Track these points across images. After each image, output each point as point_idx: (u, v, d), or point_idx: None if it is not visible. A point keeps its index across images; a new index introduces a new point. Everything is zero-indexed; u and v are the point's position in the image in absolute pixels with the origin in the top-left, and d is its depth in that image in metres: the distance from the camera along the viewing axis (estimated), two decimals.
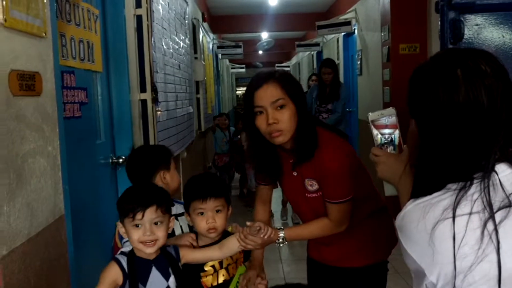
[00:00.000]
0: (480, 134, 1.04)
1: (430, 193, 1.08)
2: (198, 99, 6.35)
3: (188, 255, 1.77)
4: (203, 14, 7.68)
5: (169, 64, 4.01)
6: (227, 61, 15.13)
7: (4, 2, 1.41)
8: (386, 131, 1.43)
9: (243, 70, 18.54)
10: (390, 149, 1.42)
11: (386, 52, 5.75)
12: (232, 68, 17.67)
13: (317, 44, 10.73)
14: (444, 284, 1.03)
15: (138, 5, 3.08)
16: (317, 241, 2.04)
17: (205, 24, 8.07)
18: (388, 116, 1.42)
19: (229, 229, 1.97)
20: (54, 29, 1.80)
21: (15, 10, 1.48)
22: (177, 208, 1.97)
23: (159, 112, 3.41)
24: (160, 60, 3.59)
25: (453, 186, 1.06)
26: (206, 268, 1.84)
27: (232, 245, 1.80)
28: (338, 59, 8.77)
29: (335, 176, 1.79)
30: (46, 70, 1.71)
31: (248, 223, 1.77)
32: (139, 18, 3.09)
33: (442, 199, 1.06)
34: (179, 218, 2.01)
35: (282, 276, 3.85)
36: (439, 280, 1.04)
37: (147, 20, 3.13)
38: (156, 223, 1.64)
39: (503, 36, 1.65)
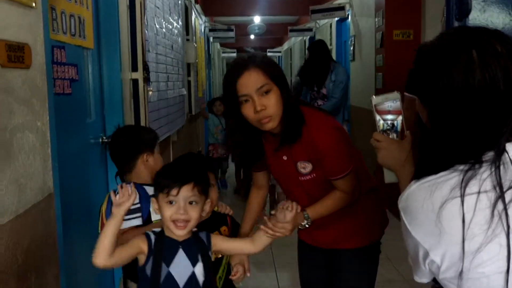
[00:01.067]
0: (494, 116, 1.01)
1: (436, 173, 1.05)
2: (189, 82, 6.28)
3: (220, 244, 1.71)
4: None
5: (161, 44, 3.94)
6: (218, 45, 15.01)
7: None
8: (389, 116, 1.39)
9: (234, 54, 18.42)
10: (392, 135, 1.38)
11: (380, 38, 5.71)
12: (223, 52, 17.55)
13: (310, 29, 10.67)
14: (450, 265, 1.00)
15: None
16: (310, 229, 2.01)
17: (198, 6, 7.97)
18: (393, 101, 1.38)
19: (216, 208, 1.97)
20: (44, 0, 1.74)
21: None
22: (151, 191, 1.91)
23: (150, 92, 3.35)
24: (152, 39, 3.52)
25: (461, 166, 1.03)
26: None
27: (264, 239, 1.72)
28: (331, 44, 8.71)
29: (332, 152, 1.77)
30: (36, 42, 1.65)
31: (273, 212, 1.70)
32: None
33: (449, 178, 1.03)
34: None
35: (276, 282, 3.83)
36: (444, 260, 1.01)
37: None
38: (191, 203, 1.58)
39: (510, 14, 1.61)
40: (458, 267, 0.99)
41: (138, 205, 1.87)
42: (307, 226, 1.83)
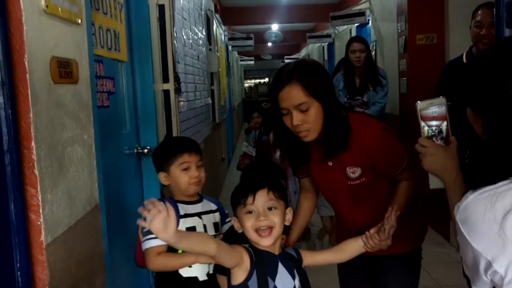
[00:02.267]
0: None
1: (494, 183, 1.05)
2: (212, 91, 6.33)
3: (309, 258, 1.70)
4: (215, 6, 7.64)
5: (188, 55, 3.99)
6: (236, 53, 15.08)
7: None
8: (434, 122, 1.38)
9: (252, 62, 18.48)
10: (438, 141, 1.37)
11: (403, 42, 5.69)
12: (241, 60, 17.62)
13: (328, 36, 10.67)
14: None
15: None
16: (350, 231, 2.02)
17: (218, 16, 8.04)
18: (438, 106, 1.38)
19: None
20: (88, 16, 1.79)
21: None
22: (184, 209, 1.97)
23: (181, 103, 3.39)
24: (181, 50, 3.57)
25: None
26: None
27: (353, 249, 1.72)
28: None
29: (386, 151, 1.79)
30: (82, 57, 1.70)
31: (372, 231, 1.72)
32: (161, 7, 3.08)
33: (510, 188, 1.02)
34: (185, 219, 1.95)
35: None
36: (509, 271, 1.00)
37: (170, 9, 3.11)
38: (270, 209, 1.56)
39: None
40: None
41: None
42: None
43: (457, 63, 3.39)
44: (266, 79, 25.86)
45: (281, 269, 1.57)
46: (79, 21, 1.67)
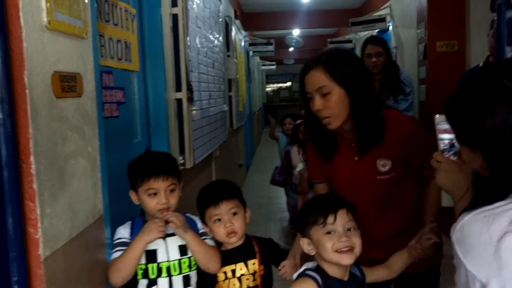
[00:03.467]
0: None
1: (491, 203, 1.03)
2: (230, 97, 6.35)
3: (370, 276, 1.69)
4: (235, 12, 7.67)
5: (203, 63, 4.01)
6: (258, 58, 15.10)
7: (48, 5, 1.41)
8: (446, 136, 1.36)
9: (274, 67, 18.47)
10: (451, 157, 1.35)
11: (423, 49, 5.64)
12: (262, 65, 17.63)
13: (349, 41, 10.60)
14: None
15: (174, 4, 3.08)
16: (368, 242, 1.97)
17: (237, 22, 8.06)
18: None
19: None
20: (94, 29, 1.81)
21: (58, 12, 1.48)
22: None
23: (194, 112, 3.41)
24: (194, 59, 3.59)
25: None
26: (218, 274, 1.83)
27: (401, 261, 1.73)
28: None
29: (419, 141, 1.78)
30: (86, 71, 1.71)
31: (413, 242, 1.74)
32: (175, 17, 3.09)
33: (507, 209, 1.00)
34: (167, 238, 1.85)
35: None
36: None
37: (183, 19, 3.13)
38: (349, 229, 1.54)
39: None
40: None
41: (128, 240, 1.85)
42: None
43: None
44: (289, 83, 25.83)
45: None
46: (84, 35, 1.69)
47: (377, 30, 8.21)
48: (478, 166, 1.13)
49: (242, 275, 1.83)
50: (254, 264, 1.86)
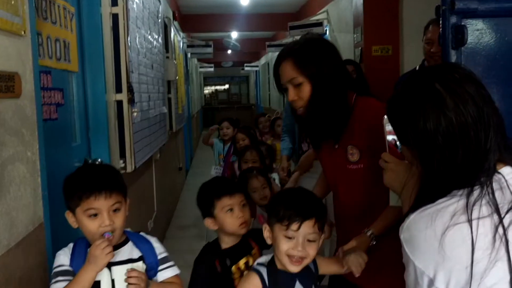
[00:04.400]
0: (476, 138, 1.04)
1: (433, 201, 1.06)
2: (169, 99, 6.25)
3: (324, 268, 1.66)
4: (174, 13, 7.57)
5: (142, 64, 3.92)
6: (195, 60, 15.01)
7: None
8: (390, 137, 1.39)
9: (212, 69, 18.42)
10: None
11: (359, 53, 5.78)
12: (200, 67, 17.55)
13: None
14: None
15: (114, 3, 2.98)
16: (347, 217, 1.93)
17: (176, 23, 7.96)
18: None
19: None
20: (33, 27, 1.71)
21: None
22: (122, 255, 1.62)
23: (135, 113, 3.32)
24: (135, 60, 3.50)
25: (458, 192, 1.05)
26: (233, 271, 1.81)
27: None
28: None
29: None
30: (25, 70, 1.62)
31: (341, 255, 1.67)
32: (115, 16, 3.00)
33: (448, 205, 1.05)
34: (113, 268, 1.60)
35: None
36: (450, 287, 1.01)
37: (124, 18, 3.04)
38: (309, 240, 1.51)
39: (506, 41, 1.65)
40: None
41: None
42: (374, 244, 1.72)
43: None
44: (226, 86, 25.84)
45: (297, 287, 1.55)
46: (23, 32, 1.60)
47: None
48: (414, 164, 1.18)
49: (252, 266, 1.83)
50: (255, 254, 1.90)
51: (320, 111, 1.76)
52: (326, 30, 7.60)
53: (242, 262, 1.84)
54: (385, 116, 1.39)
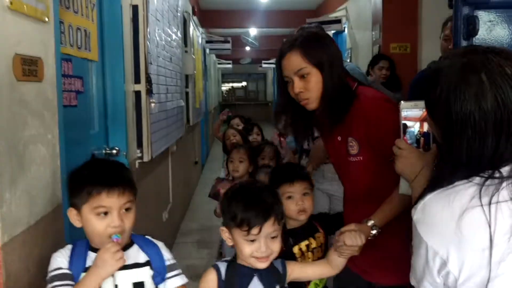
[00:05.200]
0: (506, 131, 1.04)
1: (451, 183, 1.07)
2: (187, 93, 6.31)
3: (298, 272, 1.62)
4: (193, 8, 7.63)
5: (161, 56, 3.98)
6: (214, 56, 15.07)
7: None
8: (411, 123, 1.39)
9: (230, 66, 18.47)
10: (411, 143, 1.38)
11: (377, 51, 5.77)
12: (219, 63, 17.60)
13: None
14: (470, 275, 1.01)
15: None
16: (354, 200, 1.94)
17: (195, 18, 8.02)
18: (421, 109, 1.36)
19: None
20: (56, 14, 1.77)
21: None
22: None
23: (152, 104, 3.38)
24: (153, 51, 3.56)
25: (477, 178, 1.06)
26: (294, 251, 1.88)
27: (340, 260, 1.62)
28: None
29: (383, 121, 1.69)
30: (48, 56, 1.68)
31: (336, 237, 1.64)
32: (135, 8, 3.06)
33: (467, 187, 1.05)
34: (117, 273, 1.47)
35: None
36: (463, 270, 1.02)
37: (143, 10, 3.10)
38: (272, 237, 1.50)
39: None
40: (477, 277, 1.00)
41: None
42: (376, 235, 1.68)
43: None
44: (244, 83, 25.90)
45: (255, 283, 1.52)
46: (46, 19, 1.65)
47: (332, 31, 8.36)
48: (439, 139, 1.17)
49: (314, 248, 1.94)
50: (319, 237, 1.97)
51: (335, 99, 1.77)
52: (344, 27, 7.60)
53: (303, 244, 1.91)
54: (402, 102, 1.41)
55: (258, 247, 1.49)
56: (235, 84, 25.94)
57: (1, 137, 1.33)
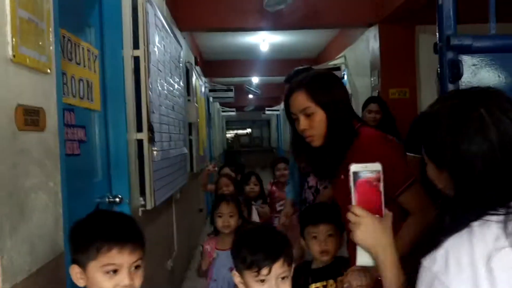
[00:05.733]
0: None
1: (467, 225, 1.04)
2: (190, 141, 6.38)
3: None
4: (195, 58, 7.80)
5: (163, 105, 4.05)
6: (218, 104, 15.26)
7: (14, 39, 1.44)
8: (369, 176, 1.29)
9: (234, 113, 18.68)
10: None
11: None
12: (222, 111, 17.81)
13: None
14: None
15: (136, 46, 3.14)
16: None
17: (198, 68, 8.19)
18: (372, 172, 1.29)
19: None
20: (58, 66, 1.83)
21: (24, 47, 1.51)
22: None
23: (155, 152, 3.42)
24: (155, 100, 3.63)
25: (493, 217, 1.04)
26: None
27: None
28: None
29: (386, 159, 1.60)
30: (49, 106, 1.73)
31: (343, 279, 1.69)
32: (136, 59, 3.15)
33: (486, 227, 1.03)
34: None
35: None
36: None
37: (145, 61, 3.18)
38: (282, 278, 1.51)
39: (499, 76, 1.73)
40: None
41: None
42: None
43: None
44: (248, 130, 26.10)
45: None
46: (48, 70, 1.71)
47: None
48: (442, 185, 1.15)
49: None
50: (341, 281, 1.91)
51: (337, 138, 1.83)
52: (344, 74, 7.73)
53: (320, 284, 1.96)
54: (353, 164, 1.32)
55: (269, 287, 1.51)
56: (240, 131, 26.14)
57: (2, 185, 1.36)
